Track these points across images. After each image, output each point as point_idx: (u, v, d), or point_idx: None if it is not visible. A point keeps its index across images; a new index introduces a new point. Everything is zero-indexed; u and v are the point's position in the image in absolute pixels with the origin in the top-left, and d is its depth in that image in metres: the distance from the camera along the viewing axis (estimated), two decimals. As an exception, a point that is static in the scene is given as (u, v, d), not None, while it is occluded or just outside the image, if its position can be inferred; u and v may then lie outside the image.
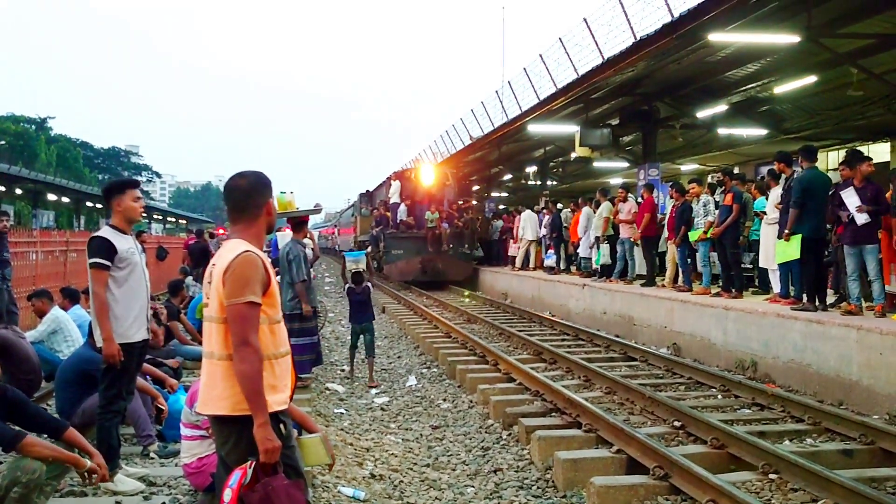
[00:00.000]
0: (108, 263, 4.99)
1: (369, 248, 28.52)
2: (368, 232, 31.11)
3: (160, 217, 77.98)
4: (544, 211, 21.74)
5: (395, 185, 27.44)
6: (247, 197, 3.31)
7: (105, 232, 5.14)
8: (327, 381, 10.32)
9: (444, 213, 25.61)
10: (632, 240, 15.36)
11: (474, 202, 31.58)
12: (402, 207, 26.22)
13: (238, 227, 3.31)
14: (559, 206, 21.36)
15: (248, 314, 3.09)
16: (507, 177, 36.56)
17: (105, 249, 5.00)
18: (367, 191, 37.67)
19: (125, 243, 5.10)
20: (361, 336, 10.75)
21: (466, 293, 22.63)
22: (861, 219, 9.03)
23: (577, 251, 18.62)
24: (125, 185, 5.25)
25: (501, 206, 33.17)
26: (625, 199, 15.71)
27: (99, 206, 53.16)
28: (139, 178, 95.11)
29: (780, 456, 5.72)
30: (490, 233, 27.18)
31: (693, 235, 12.81)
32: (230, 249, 3.20)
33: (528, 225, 21.73)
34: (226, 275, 3.12)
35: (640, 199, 16.07)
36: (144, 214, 64.94)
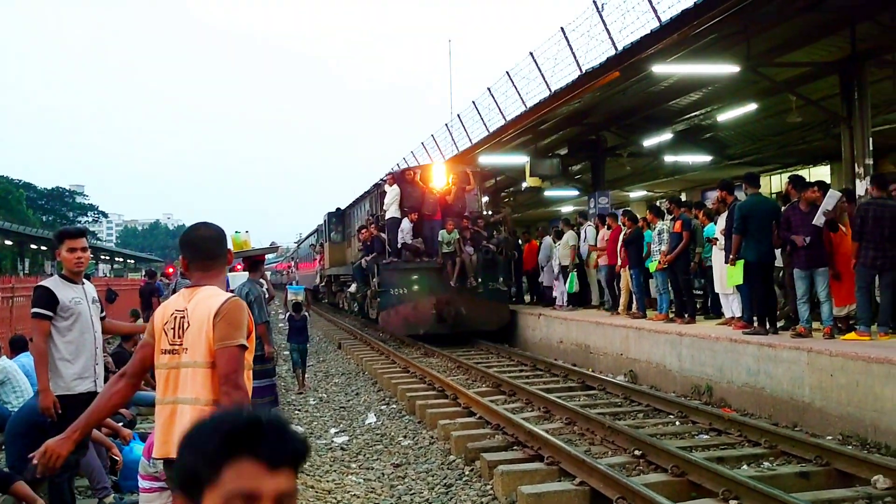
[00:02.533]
0: (48, 314, 4.93)
1: (353, 288, 21.45)
2: (347, 263, 24.50)
3: (107, 258, 76.67)
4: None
5: (393, 191, 18.38)
6: (217, 245, 3.40)
7: (49, 282, 5.11)
8: (285, 421, 10.18)
9: (467, 230, 17.63)
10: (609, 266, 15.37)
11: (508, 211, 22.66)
12: (406, 224, 17.80)
13: (210, 273, 3.36)
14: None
15: (241, 357, 3.14)
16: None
17: (46, 299, 4.96)
18: (339, 209, 28.74)
19: (70, 293, 5.04)
20: (299, 355, 12.93)
21: None
22: (820, 220, 9.31)
23: (540, 280, 18.66)
24: (61, 235, 5.21)
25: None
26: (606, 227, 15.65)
27: (44, 248, 52.13)
28: (84, 220, 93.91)
29: (738, 481, 5.78)
30: None
31: (652, 266, 12.98)
32: (212, 295, 3.24)
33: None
34: (217, 318, 3.15)
35: (599, 228, 16.15)
36: (91, 256, 63.65)
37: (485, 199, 23.45)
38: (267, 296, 9.83)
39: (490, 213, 20.31)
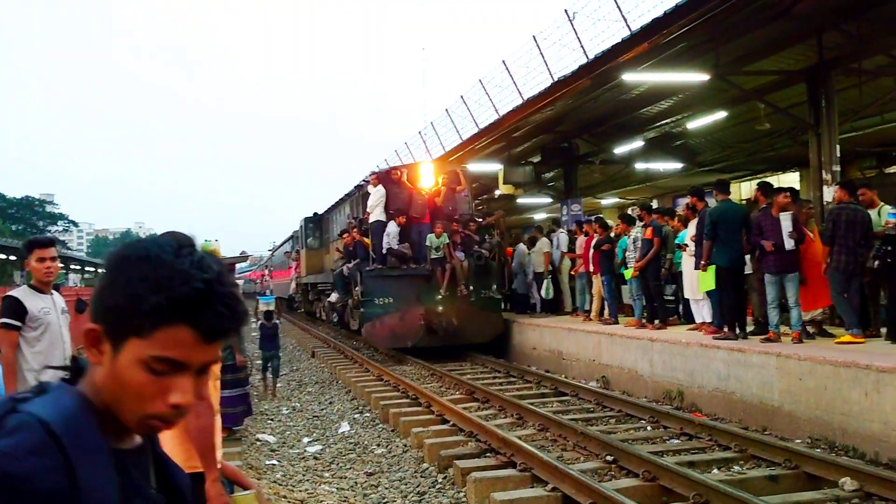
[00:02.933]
0: (17, 324, 4.90)
1: (333, 297, 19.67)
2: (325, 270, 23.38)
3: (78, 267, 75.83)
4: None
5: (378, 192, 16.82)
6: None
7: (18, 291, 5.07)
8: (258, 431, 10.14)
9: (458, 234, 16.36)
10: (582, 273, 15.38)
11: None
12: (392, 227, 16.34)
13: None
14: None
15: None
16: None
17: (14, 309, 4.92)
18: (316, 214, 27.53)
19: (39, 303, 5.00)
20: (270, 361, 13.24)
21: None
22: (790, 244, 9.39)
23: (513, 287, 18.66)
24: (31, 244, 5.16)
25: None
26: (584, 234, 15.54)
27: (13, 257, 51.46)
28: (54, 229, 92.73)
29: (709, 486, 5.84)
30: None
31: (627, 274, 13.05)
32: None
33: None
34: None
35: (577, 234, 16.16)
36: (61, 265, 62.96)
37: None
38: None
39: (482, 217, 18.72)
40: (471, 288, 15.91)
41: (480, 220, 18.04)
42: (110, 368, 1.17)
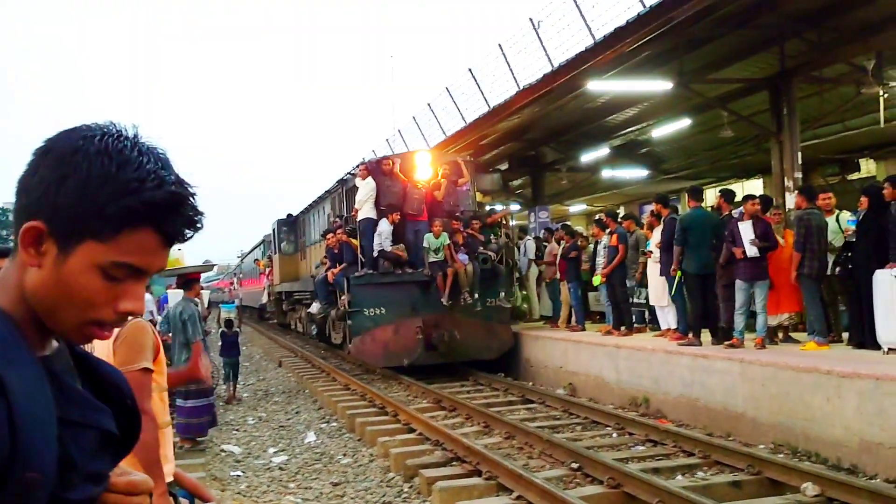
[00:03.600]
0: None
1: (315, 308, 16.82)
2: (301, 277, 21.56)
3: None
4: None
5: (367, 185, 14.45)
6: None
7: None
8: (223, 442, 10.02)
9: (460, 234, 14.23)
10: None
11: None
12: (384, 226, 14.14)
13: None
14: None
15: (144, 381, 3.06)
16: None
17: None
18: (290, 216, 24.96)
19: None
20: (232, 367, 13.80)
21: None
22: (752, 251, 9.45)
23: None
24: None
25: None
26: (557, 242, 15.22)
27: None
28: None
29: (672, 492, 5.86)
30: None
31: (596, 280, 13.08)
32: None
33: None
34: (117, 342, 3.07)
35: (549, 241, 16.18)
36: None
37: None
38: (200, 314, 9.69)
39: (489, 211, 16.58)
40: (476, 296, 13.95)
41: (485, 216, 15.74)
42: (53, 271, 1.05)
